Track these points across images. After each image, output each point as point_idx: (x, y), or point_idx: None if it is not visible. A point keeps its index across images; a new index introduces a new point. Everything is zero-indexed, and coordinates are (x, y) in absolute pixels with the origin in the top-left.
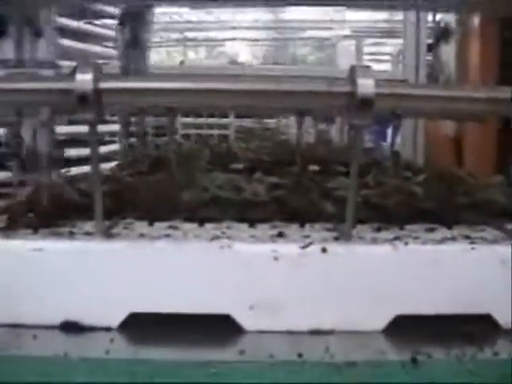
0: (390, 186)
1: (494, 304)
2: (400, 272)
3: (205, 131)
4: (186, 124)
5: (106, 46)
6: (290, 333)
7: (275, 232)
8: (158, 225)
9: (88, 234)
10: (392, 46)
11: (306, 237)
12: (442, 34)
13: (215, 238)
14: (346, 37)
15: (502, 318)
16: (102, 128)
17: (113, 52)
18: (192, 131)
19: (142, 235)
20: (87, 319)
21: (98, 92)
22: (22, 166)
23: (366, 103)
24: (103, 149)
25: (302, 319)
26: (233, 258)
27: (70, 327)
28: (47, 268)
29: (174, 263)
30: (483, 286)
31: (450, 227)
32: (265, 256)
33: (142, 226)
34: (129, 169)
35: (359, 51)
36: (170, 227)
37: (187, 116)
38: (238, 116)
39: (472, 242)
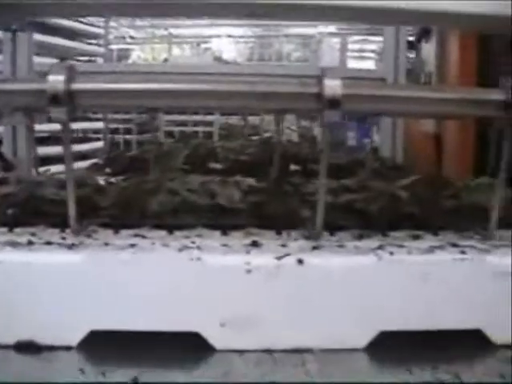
0: (373, 190)
1: (485, 319)
2: (384, 285)
3: (189, 128)
4: (170, 121)
5: (91, 44)
6: (264, 352)
7: (249, 241)
8: (124, 233)
9: (49, 243)
10: (376, 43)
11: (283, 246)
12: (422, 31)
13: (184, 248)
14: (331, 34)
15: (494, 334)
16: (86, 125)
17: (97, 49)
18: (176, 128)
19: (105, 245)
20: (45, 338)
21: (69, 93)
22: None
23: (333, 104)
24: (86, 146)
25: (277, 337)
26: (202, 271)
27: (27, 347)
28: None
29: (139, 277)
30: (473, 299)
31: (435, 233)
32: (237, 269)
33: (106, 234)
34: (104, 168)
35: (344, 48)
36: (137, 235)
37: (170, 113)
38: (223, 113)
39: (462, 252)
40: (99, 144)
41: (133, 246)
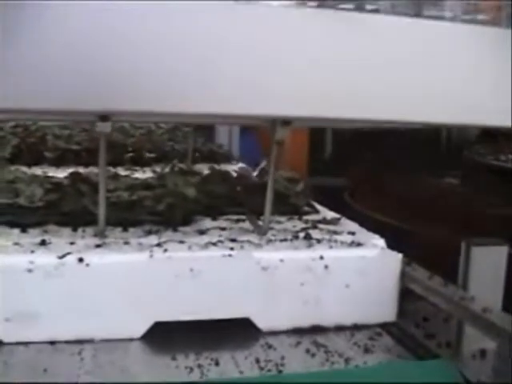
0: (164, 188)
1: (253, 308)
2: (157, 279)
3: None
4: None
5: None
6: (48, 343)
7: (39, 240)
8: None
9: None
10: None
11: (71, 244)
12: None
13: None
14: None
15: (261, 322)
16: None
17: None
18: None
19: None
20: None
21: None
22: None
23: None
24: None
25: (59, 330)
26: None
27: None
28: None
29: None
30: (242, 291)
31: (223, 229)
32: (19, 268)
33: None
34: None
35: None
36: None
37: None
38: None
39: (231, 248)
40: None
41: None
